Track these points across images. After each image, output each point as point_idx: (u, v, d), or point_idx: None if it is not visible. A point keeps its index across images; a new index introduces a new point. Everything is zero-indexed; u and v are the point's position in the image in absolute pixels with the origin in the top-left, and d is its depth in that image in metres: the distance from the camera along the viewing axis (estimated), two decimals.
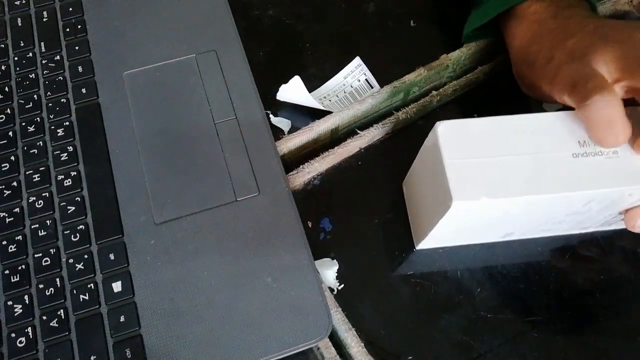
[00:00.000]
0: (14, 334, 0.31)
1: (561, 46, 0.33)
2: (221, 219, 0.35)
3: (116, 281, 0.33)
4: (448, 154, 0.29)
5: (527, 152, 0.29)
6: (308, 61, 0.43)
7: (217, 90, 0.39)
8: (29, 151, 0.37)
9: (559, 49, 0.33)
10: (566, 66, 0.32)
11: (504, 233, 0.35)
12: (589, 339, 0.34)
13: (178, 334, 0.31)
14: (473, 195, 0.28)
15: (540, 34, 0.35)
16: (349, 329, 0.33)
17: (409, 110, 0.40)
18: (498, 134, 0.29)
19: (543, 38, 0.35)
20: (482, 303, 0.34)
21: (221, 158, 0.36)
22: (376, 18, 0.45)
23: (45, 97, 0.39)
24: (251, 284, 0.33)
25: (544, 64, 0.34)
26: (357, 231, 0.37)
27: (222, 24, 0.42)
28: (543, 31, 0.35)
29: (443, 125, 0.29)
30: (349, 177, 0.39)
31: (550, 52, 0.33)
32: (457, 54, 0.41)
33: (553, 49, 0.33)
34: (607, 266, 0.36)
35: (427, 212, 0.33)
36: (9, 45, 0.41)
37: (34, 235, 0.34)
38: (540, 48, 0.35)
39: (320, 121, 0.39)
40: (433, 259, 0.36)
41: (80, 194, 0.35)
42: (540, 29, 0.35)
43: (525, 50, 0.36)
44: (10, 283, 0.33)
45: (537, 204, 0.29)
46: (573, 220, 0.33)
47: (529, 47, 0.36)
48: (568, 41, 0.33)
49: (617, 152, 0.29)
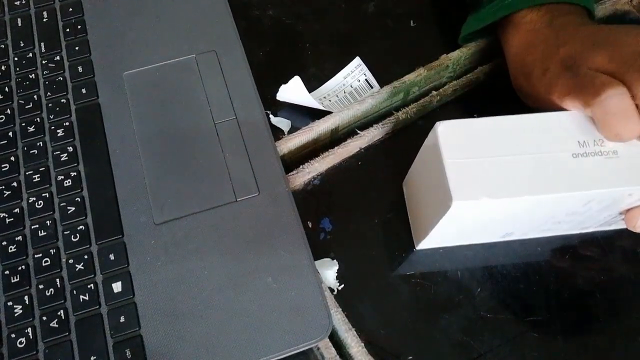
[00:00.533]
0: (14, 335, 0.31)
1: (554, 56, 0.33)
2: (221, 219, 0.35)
3: (116, 281, 0.33)
4: (448, 154, 0.29)
5: (527, 152, 0.29)
6: (308, 61, 0.43)
7: (217, 90, 0.39)
8: (29, 151, 0.37)
9: (552, 60, 0.33)
10: (562, 77, 0.32)
11: (504, 233, 0.35)
12: (589, 339, 0.34)
13: (178, 334, 0.31)
14: (473, 195, 0.28)
15: (534, 43, 0.35)
16: (349, 329, 0.33)
17: (409, 110, 0.40)
18: (498, 133, 0.29)
19: (537, 48, 0.35)
20: (482, 303, 0.34)
21: (221, 158, 0.36)
22: (376, 18, 0.45)
23: (45, 97, 0.39)
24: (251, 284, 0.33)
25: (540, 75, 0.34)
26: (357, 231, 0.37)
27: (222, 24, 0.42)
28: (537, 40, 0.35)
29: (443, 125, 0.29)
30: (349, 177, 0.39)
31: (545, 63, 0.33)
32: (457, 54, 0.41)
33: (547, 60, 0.33)
34: (607, 266, 0.36)
35: (427, 212, 0.33)
36: (9, 45, 0.41)
37: (34, 236, 0.34)
38: (535, 59, 0.34)
39: (320, 121, 0.39)
40: (433, 259, 0.36)
41: (80, 194, 0.35)
42: (535, 38, 0.35)
43: (521, 61, 0.36)
44: (10, 283, 0.33)
45: (537, 204, 0.29)
46: (573, 220, 0.33)
47: (525, 58, 0.36)
48: (560, 50, 0.33)
49: (616, 152, 0.29)
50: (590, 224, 0.35)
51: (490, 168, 0.28)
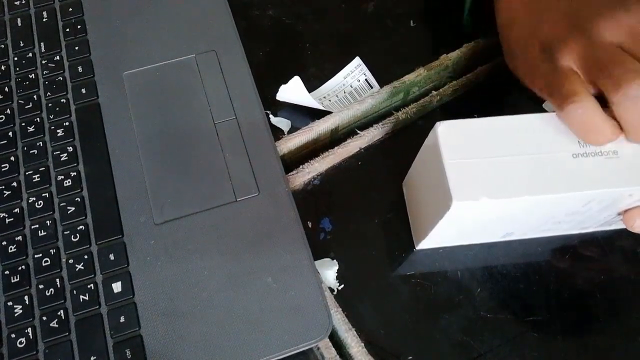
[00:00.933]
0: (14, 335, 0.31)
1: (535, 34, 0.30)
2: (221, 219, 0.35)
3: (116, 281, 0.33)
4: (448, 154, 0.29)
5: (527, 152, 0.29)
6: (308, 61, 0.43)
7: (217, 90, 0.39)
8: (28, 151, 0.37)
9: (533, 38, 0.30)
10: (541, 63, 0.30)
11: (504, 233, 0.35)
12: (589, 339, 0.34)
13: (178, 334, 0.31)
14: (473, 196, 0.28)
15: (517, 15, 0.32)
16: (349, 329, 0.33)
17: (408, 110, 0.40)
18: (498, 134, 0.29)
19: (520, 21, 0.32)
20: (482, 303, 0.34)
21: (221, 158, 0.36)
22: (376, 18, 0.45)
23: (45, 97, 0.39)
24: (251, 283, 0.33)
25: (522, 57, 0.31)
26: (357, 231, 0.37)
27: (222, 24, 0.42)
28: (520, 11, 0.32)
29: (443, 125, 0.29)
30: (349, 177, 0.39)
31: (526, 41, 0.31)
32: (457, 54, 0.41)
33: (528, 38, 0.31)
34: (607, 266, 0.36)
35: (427, 212, 0.33)
36: (8, 45, 0.41)
37: (33, 236, 0.34)
38: (518, 35, 0.32)
39: (320, 121, 0.39)
40: (433, 259, 0.36)
41: (80, 194, 0.35)
42: (519, 7, 0.32)
43: (507, 36, 0.33)
44: (10, 283, 0.33)
45: (537, 204, 0.29)
46: (573, 220, 0.33)
47: (510, 32, 0.33)
48: (541, 28, 0.30)
49: (617, 152, 0.29)
50: (590, 224, 0.35)
51: (490, 168, 0.28)
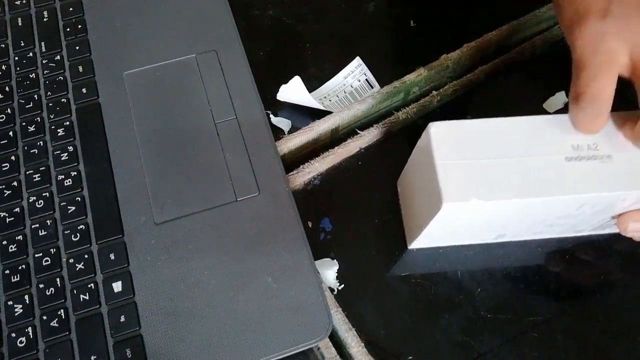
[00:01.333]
0: (15, 334, 0.31)
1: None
2: (221, 219, 0.35)
3: (116, 281, 0.33)
4: (439, 155, 0.29)
5: (520, 154, 0.29)
6: (308, 61, 0.43)
7: (217, 90, 0.39)
8: (29, 151, 0.37)
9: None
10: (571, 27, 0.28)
11: (496, 234, 0.35)
12: (589, 339, 0.34)
13: (178, 333, 0.31)
14: (463, 197, 0.28)
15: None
16: (349, 329, 0.33)
17: (409, 110, 0.40)
18: (491, 135, 0.29)
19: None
20: (482, 303, 0.34)
21: (221, 158, 0.36)
22: (376, 18, 0.45)
23: (45, 97, 0.39)
24: (251, 284, 0.33)
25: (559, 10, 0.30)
26: (357, 231, 0.37)
27: (222, 24, 0.42)
28: None
29: (435, 126, 0.29)
30: (349, 177, 0.39)
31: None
32: (457, 54, 0.41)
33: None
34: (607, 266, 0.36)
35: (419, 212, 0.33)
36: (9, 45, 0.41)
37: (34, 235, 0.34)
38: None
39: (320, 121, 0.39)
40: (433, 259, 0.36)
41: (80, 193, 0.35)
42: None
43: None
44: (10, 283, 0.33)
45: (528, 206, 0.29)
46: (566, 223, 0.33)
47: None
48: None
49: (611, 157, 0.29)
50: (583, 228, 0.35)
51: (481, 170, 0.28)
